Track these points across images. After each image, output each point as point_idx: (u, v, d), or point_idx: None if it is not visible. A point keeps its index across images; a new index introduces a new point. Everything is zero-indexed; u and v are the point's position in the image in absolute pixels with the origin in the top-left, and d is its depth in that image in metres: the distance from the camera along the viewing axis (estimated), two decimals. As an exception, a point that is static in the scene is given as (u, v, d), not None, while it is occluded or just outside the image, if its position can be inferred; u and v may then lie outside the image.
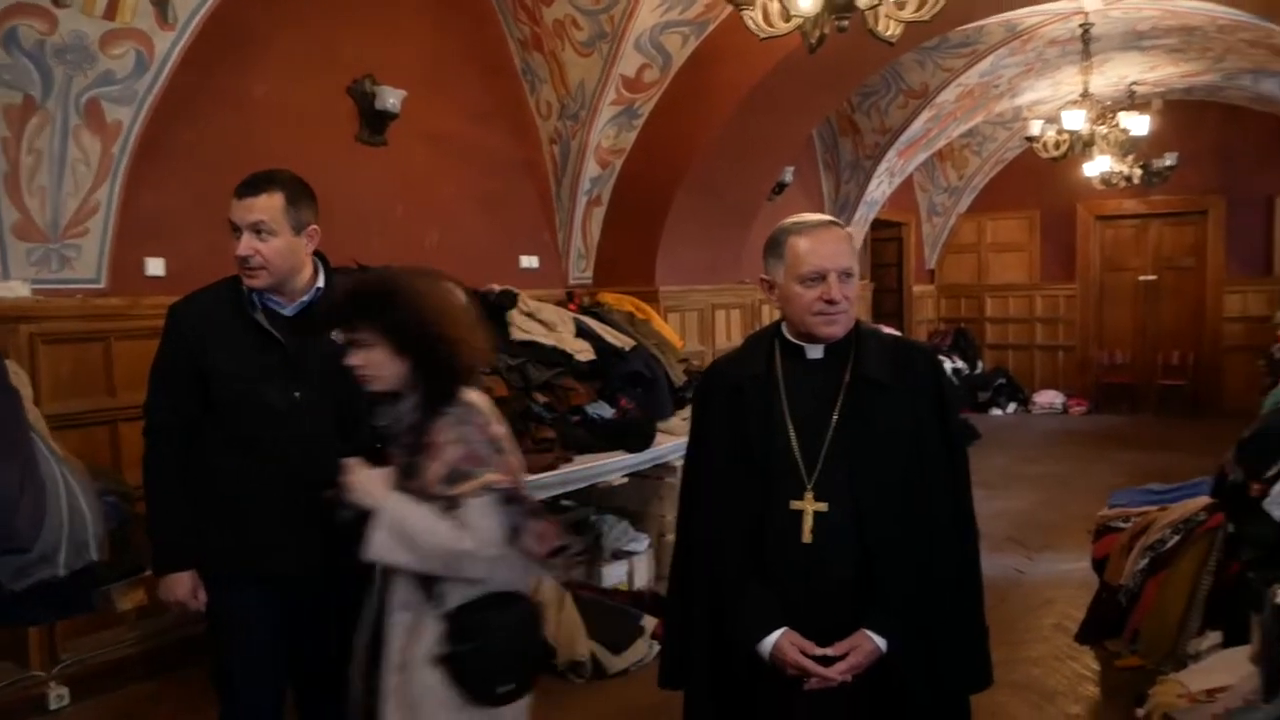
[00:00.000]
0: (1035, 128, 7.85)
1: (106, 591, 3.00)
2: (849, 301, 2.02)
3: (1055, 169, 9.69)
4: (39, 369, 3.71)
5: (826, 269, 1.99)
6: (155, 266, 4.17)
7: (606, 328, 4.98)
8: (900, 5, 3.50)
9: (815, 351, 2.08)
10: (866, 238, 10.25)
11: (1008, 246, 12.19)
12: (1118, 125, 7.82)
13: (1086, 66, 7.53)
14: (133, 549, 3.00)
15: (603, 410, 4.58)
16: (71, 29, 3.52)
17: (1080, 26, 7.18)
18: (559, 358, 4.50)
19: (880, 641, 1.95)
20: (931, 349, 2.47)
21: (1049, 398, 11.68)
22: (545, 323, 4.70)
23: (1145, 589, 3.66)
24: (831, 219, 2.09)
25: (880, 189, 9.50)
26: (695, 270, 6.59)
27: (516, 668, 2.07)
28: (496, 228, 5.82)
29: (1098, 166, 8.29)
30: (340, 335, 2.13)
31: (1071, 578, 5.06)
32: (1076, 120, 7.50)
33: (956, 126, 9.56)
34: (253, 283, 2.39)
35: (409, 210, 5.21)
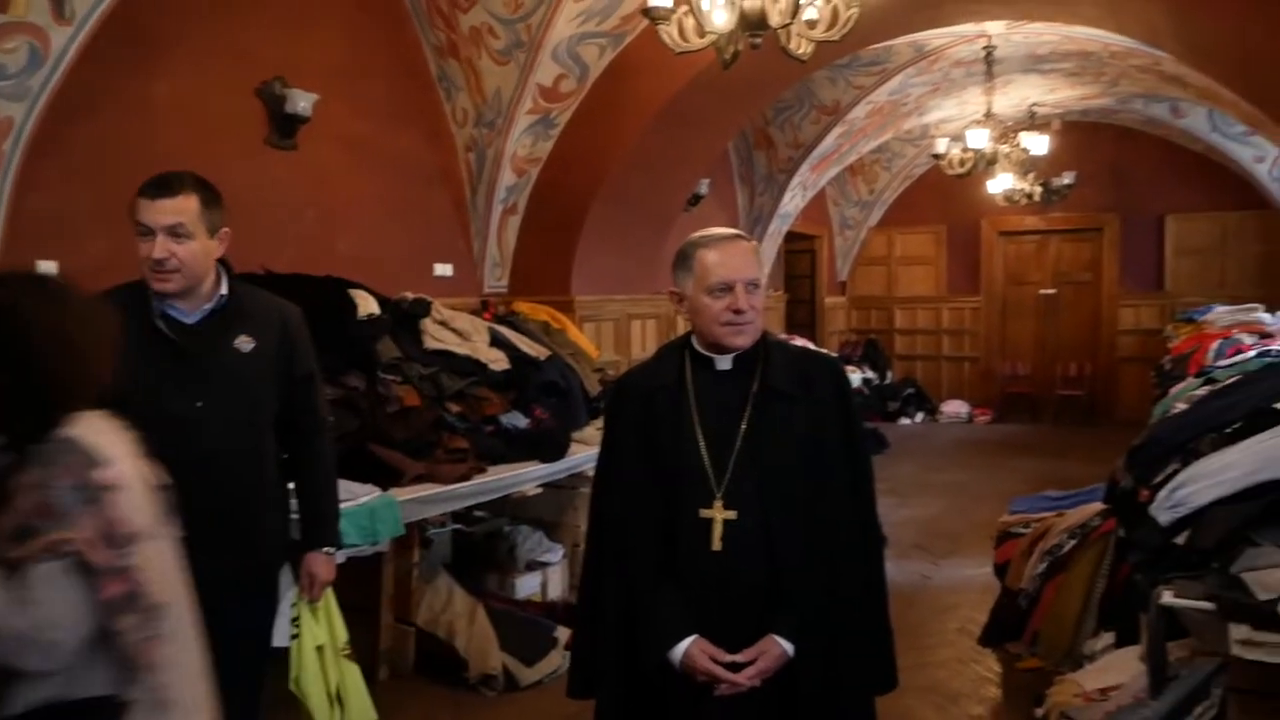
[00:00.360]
0: (941, 145, 8.10)
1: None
2: (756, 312, 2.06)
3: (961, 185, 9.98)
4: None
5: (734, 280, 2.03)
6: (48, 270, 4.01)
7: (521, 337, 4.96)
8: (812, 25, 3.58)
9: (724, 363, 2.12)
10: (780, 250, 10.41)
11: (916, 260, 12.51)
12: (1019, 144, 8.12)
13: (990, 87, 7.80)
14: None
15: (517, 420, 4.55)
16: (-40, 21, 3.38)
17: (984, 49, 7.44)
18: (473, 367, 4.47)
19: (788, 646, 1.99)
20: (836, 360, 2.54)
21: (955, 407, 12.02)
22: (459, 331, 4.65)
23: (1044, 592, 3.77)
24: (738, 232, 2.14)
25: (794, 202, 9.66)
26: (611, 280, 6.60)
27: None
28: (410, 235, 5.74)
29: (1000, 184, 8.58)
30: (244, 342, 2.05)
31: (975, 582, 5.20)
32: (980, 139, 7.76)
33: (867, 142, 9.79)
34: (165, 287, 2.32)
35: (320, 216, 5.11)
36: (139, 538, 1.59)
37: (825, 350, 9.95)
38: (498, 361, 4.58)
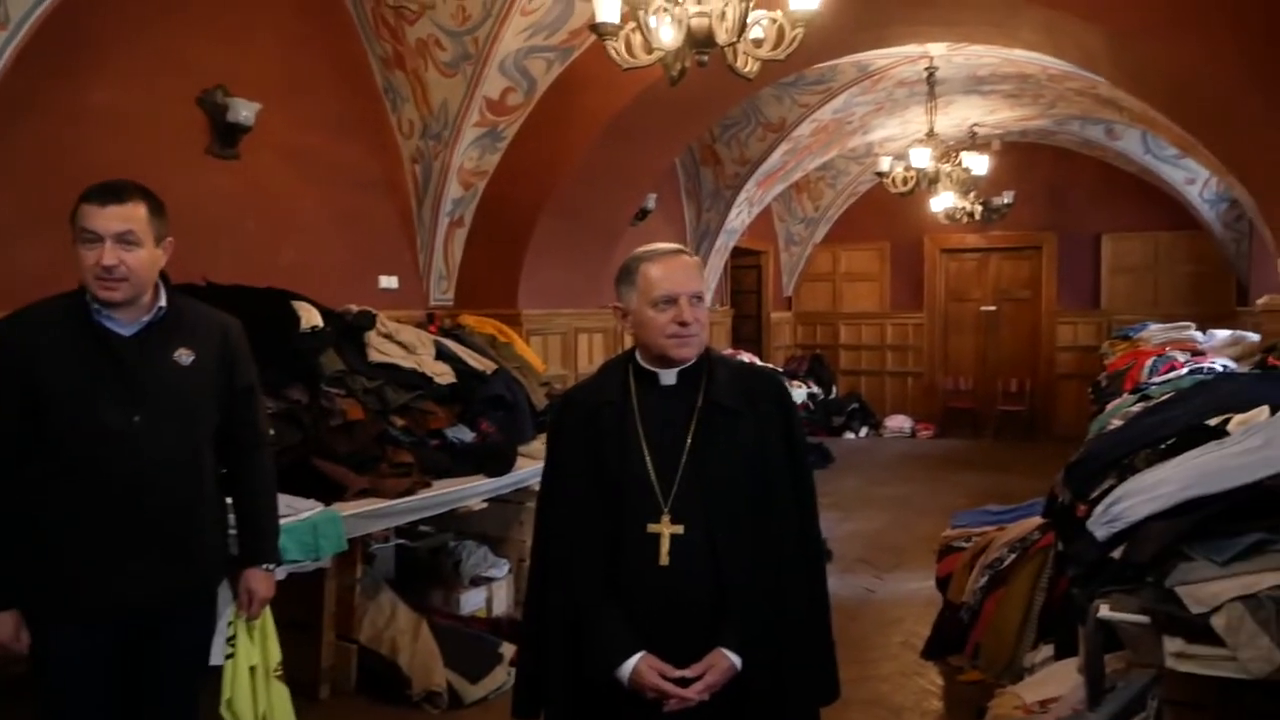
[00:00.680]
0: (885, 164, 8.23)
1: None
2: (700, 324, 2.08)
3: (904, 203, 10.11)
4: None
5: (678, 293, 2.05)
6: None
7: (467, 350, 4.93)
8: (758, 43, 3.61)
9: (669, 378, 2.13)
10: (726, 265, 10.48)
11: (860, 276, 12.68)
12: (960, 164, 8.27)
13: (932, 107, 7.95)
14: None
15: (463, 434, 4.51)
16: (-112, 24, 3.28)
17: (926, 70, 7.58)
18: (418, 380, 4.42)
19: (736, 659, 2.00)
20: (779, 375, 2.56)
21: (899, 422, 12.17)
22: (404, 344, 4.61)
23: (985, 606, 3.82)
24: (680, 247, 2.16)
25: (740, 218, 9.73)
26: (558, 294, 6.59)
27: None
28: (355, 247, 5.68)
29: (942, 202, 8.72)
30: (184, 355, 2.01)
31: (918, 596, 5.26)
32: (923, 158, 7.89)
33: (812, 160, 9.91)
34: (112, 295, 2.27)
35: (262, 226, 5.03)
36: None
37: (769, 365, 10.02)
38: (443, 375, 4.54)
